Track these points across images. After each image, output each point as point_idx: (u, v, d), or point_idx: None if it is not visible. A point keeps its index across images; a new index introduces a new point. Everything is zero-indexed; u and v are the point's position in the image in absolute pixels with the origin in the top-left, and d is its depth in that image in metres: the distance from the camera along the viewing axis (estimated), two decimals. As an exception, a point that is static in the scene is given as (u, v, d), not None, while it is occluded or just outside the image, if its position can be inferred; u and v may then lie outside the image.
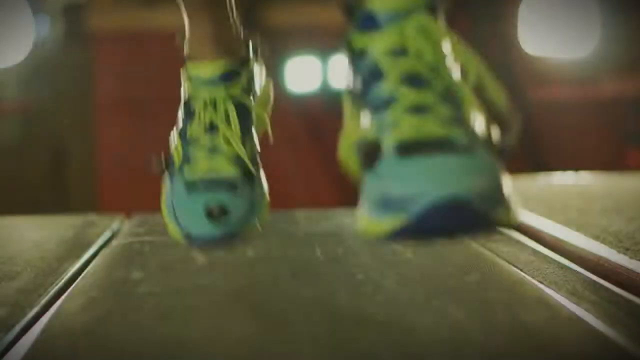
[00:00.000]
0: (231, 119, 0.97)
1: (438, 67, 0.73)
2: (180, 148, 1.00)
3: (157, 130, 3.89)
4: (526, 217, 1.37)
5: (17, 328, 0.81)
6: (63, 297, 0.92)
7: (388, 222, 0.65)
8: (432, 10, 0.74)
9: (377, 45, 0.73)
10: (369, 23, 0.74)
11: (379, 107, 0.71)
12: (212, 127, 0.98)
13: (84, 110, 3.29)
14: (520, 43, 3.20)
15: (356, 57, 0.75)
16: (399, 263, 1.04)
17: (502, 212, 0.66)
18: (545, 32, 3.18)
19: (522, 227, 1.33)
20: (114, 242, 1.23)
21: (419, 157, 0.66)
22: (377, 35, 0.73)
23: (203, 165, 0.96)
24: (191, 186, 0.96)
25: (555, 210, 1.41)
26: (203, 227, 0.93)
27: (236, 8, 1.01)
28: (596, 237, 1.16)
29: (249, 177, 0.97)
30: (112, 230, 1.33)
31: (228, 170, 0.96)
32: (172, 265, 1.05)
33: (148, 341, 0.75)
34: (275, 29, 3.03)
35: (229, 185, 0.95)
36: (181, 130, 1.02)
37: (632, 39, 3.22)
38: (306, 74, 3.02)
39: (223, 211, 0.92)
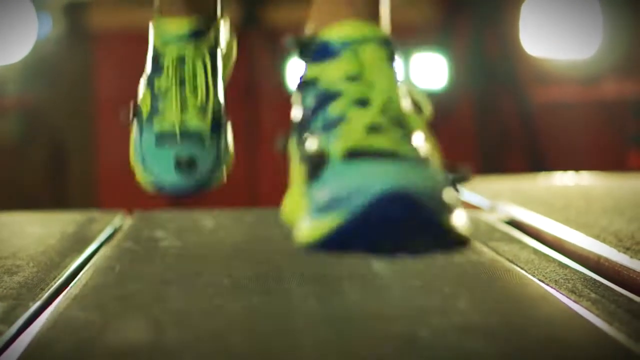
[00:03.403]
0: (198, 75, 0.99)
1: (390, 95, 0.71)
2: (148, 99, 1.02)
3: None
4: (527, 216, 1.37)
5: (20, 322, 0.81)
6: (65, 291, 0.92)
7: (327, 222, 0.61)
8: (386, 44, 0.74)
9: (332, 73, 0.73)
10: (323, 53, 0.74)
11: (329, 126, 0.70)
12: (181, 82, 0.99)
13: (85, 108, 3.29)
14: (522, 44, 3.20)
15: (306, 87, 0.75)
16: (400, 259, 1.04)
17: (448, 218, 0.63)
18: (547, 34, 3.18)
19: (523, 226, 1.34)
20: (116, 238, 1.23)
21: (364, 161, 0.65)
22: (333, 63, 0.73)
23: (171, 118, 0.99)
24: (161, 138, 0.98)
25: (556, 210, 1.41)
26: (172, 178, 0.96)
27: None
28: (597, 237, 1.16)
29: (217, 131, 1.00)
30: (114, 227, 1.33)
31: (197, 124, 0.99)
32: (174, 262, 1.05)
33: (150, 335, 0.75)
34: (275, 28, 3.03)
35: (198, 138, 0.98)
36: (148, 82, 1.04)
37: (633, 40, 3.22)
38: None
39: (192, 163, 0.95)
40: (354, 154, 0.65)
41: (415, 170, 0.64)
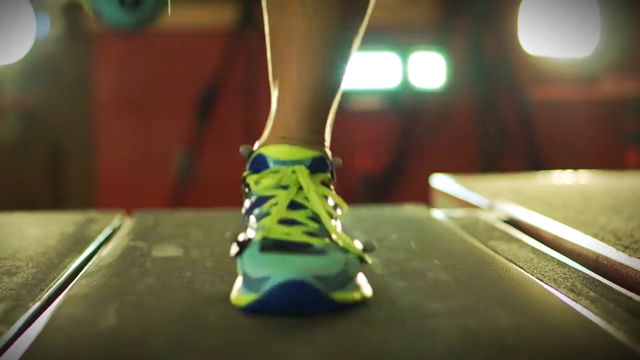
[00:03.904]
0: None
1: (311, 199, 0.88)
2: None
3: (155, 128, 3.89)
4: (526, 215, 1.37)
5: (20, 322, 0.81)
6: (65, 292, 0.92)
7: (246, 297, 0.81)
8: (311, 169, 0.90)
9: (265, 181, 0.90)
10: (260, 166, 0.91)
11: (260, 217, 0.88)
12: None
13: (83, 108, 3.29)
14: (521, 43, 3.21)
15: (248, 189, 0.92)
16: (401, 258, 1.04)
17: (342, 293, 0.81)
18: (545, 32, 3.18)
19: (522, 225, 1.34)
20: (115, 239, 1.23)
21: (273, 254, 0.83)
22: (267, 174, 0.90)
23: None
24: None
25: (555, 209, 1.41)
26: (117, 15, 1.00)
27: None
28: (595, 235, 1.16)
29: None
30: (113, 227, 1.33)
31: None
32: (173, 262, 1.05)
33: (149, 335, 0.75)
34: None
35: None
36: None
37: (631, 39, 3.22)
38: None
39: (137, 1, 1.00)
40: (268, 246, 0.84)
41: (314, 260, 0.82)
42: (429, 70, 3.21)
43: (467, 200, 1.63)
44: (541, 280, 0.95)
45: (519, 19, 3.18)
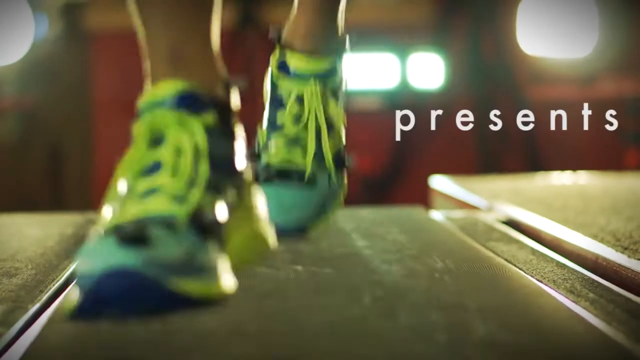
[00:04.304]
0: None
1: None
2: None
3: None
4: (525, 216, 1.37)
5: (19, 324, 0.81)
6: (64, 293, 0.92)
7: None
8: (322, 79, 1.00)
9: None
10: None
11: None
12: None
13: (83, 108, 3.29)
14: (519, 43, 3.21)
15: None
16: (400, 259, 1.04)
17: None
18: (543, 33, 3.18)
19: (521, 226, 1.34)
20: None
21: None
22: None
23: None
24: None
25: (554, 210, 1.41)
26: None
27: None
28: (594, 236, 1.16)
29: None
30: (112, 228, 1.33)
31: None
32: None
33: (149, 336, 0.75)
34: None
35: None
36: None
37: (630, 39, 3.22)
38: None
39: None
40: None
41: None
42: (427, 71, 3.21)
43: (466, 201, 1.63)
44: (540, 282, 0.95)
45: (517, 19, 3.18)
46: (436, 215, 1.46)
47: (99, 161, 3.29)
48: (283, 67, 1.09)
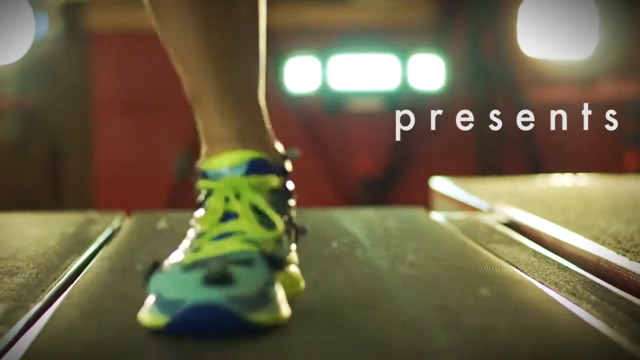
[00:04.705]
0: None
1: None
2: None
3: (154, 129, 3.88)
4: (526, 218, 1.37)
5: (21, 323, 0.81)
6: (66, 292, 0.92)
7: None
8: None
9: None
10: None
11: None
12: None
13: (83, 108, 3.29)
14: (520, 45, 3.21)
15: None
16: (401, 261, 1.04)
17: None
18: (544, 35, 3.18)
19: (522, 228, 1.34)
20: (115, 239, 1.23)
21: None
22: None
23: None
24: None
25: (555, 212, 1.41)
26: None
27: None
28: (596, 239, 1.16)
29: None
30: (113, 228, 1.33)
31: None
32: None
33: (150, 336, 0.75)
34: (274, 28, 3.03)
35: None
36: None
37: (631, 42, 3.22)
38: (305, 74, 3.02)
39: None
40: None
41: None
42: (428, 72, 3.21)
43: (467, 202, 1.63)
44: (542, 284, 0.95)
45: (518, 21, 3.18)
46: (437, 216, 1.46)
47: (98, 161, 3.28)
48: None
